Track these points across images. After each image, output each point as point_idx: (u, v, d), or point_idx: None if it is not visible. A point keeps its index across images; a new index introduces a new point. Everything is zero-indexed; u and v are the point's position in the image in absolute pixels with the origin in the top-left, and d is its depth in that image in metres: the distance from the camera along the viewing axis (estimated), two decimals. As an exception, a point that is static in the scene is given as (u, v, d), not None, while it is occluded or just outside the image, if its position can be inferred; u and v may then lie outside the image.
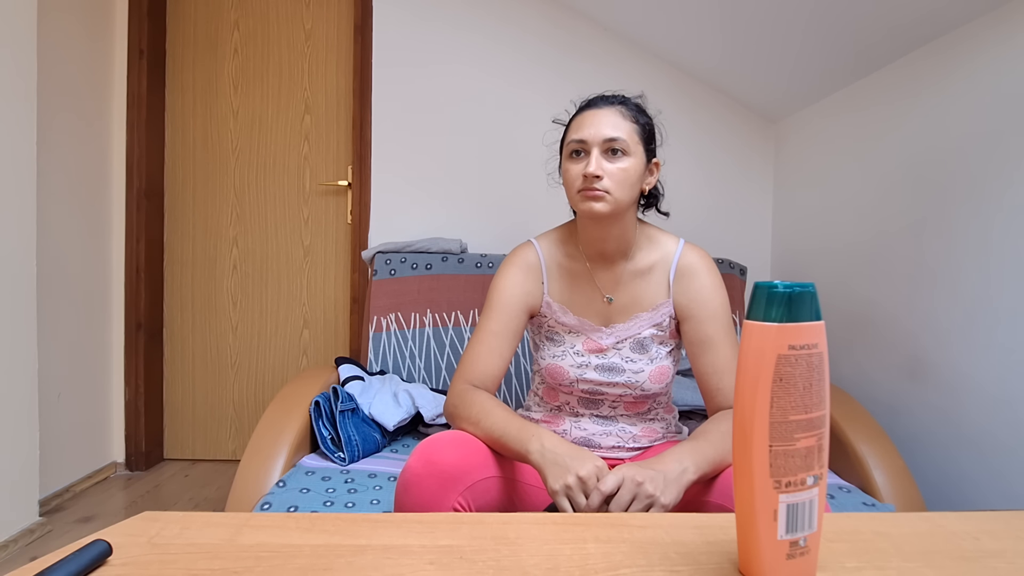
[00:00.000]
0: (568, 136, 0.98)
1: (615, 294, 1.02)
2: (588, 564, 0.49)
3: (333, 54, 2.23)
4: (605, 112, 0.94)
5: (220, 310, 2.28)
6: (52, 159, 1.84)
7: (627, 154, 0.93)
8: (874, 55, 1.51)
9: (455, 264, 1.78)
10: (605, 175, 0.92)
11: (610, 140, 0.92)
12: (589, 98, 1.01)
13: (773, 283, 0.45)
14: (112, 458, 2.16)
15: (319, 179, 2.25)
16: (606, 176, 0.92)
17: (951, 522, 0.58)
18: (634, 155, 0.94)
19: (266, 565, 0.48)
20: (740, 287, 1.84)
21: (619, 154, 0.93)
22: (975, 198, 1.24)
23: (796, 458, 0.44)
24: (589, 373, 0.99)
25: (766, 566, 0.45)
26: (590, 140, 0.93)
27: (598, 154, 0.92)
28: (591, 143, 0.93)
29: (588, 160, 0.93)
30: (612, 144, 0.92)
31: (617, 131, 0.93)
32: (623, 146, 0.92)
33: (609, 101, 0.97)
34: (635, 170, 0.94)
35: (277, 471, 1.18)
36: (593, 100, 0.99)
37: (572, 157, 0.96)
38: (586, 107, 0.98)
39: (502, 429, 0.85)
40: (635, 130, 0.95)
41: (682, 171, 2.03)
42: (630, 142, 0.93)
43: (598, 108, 0.96)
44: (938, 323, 1.34)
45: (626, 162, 0.93)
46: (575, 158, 0.96)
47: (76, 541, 0.49)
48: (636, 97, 1.02)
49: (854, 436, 1.24)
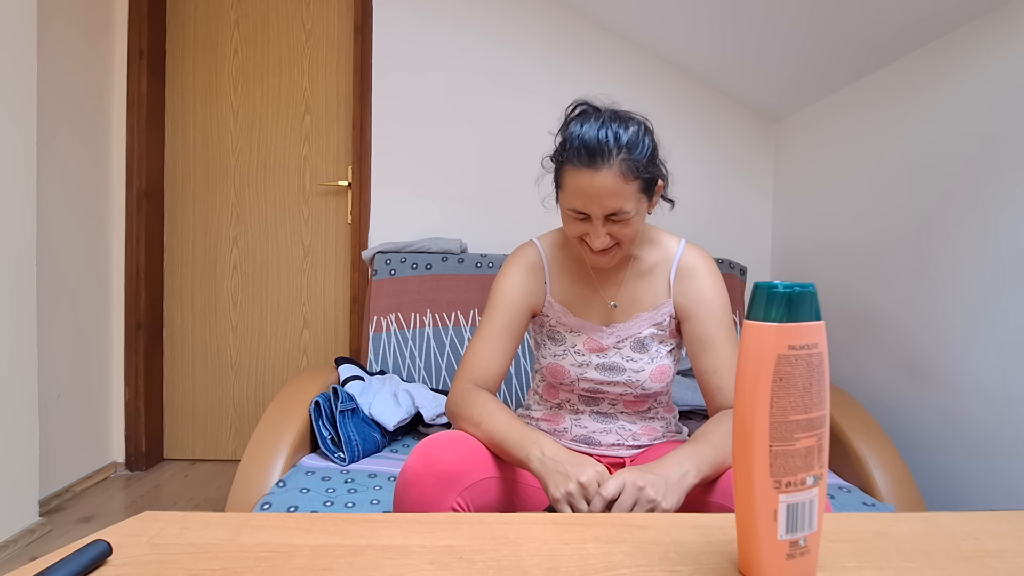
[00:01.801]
0: (565, 197, 0.90)
1: (617, 294, 1.02)
2: (588, 564, 0.49)
3: (333, 54, 2.24)
4: (604, 176, 0.84)
5: (220, 310, 2.28)
6: (52, 159, 1.84)
7: (631, 214, 0.88)
8: (875, 55, 1.51)
9: (455, 264, 1.78)
10: (611, 236, 0.90)
11: (613, 212, 0.87)
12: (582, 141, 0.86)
13: (773, 283, 0.45)
14: (112, 458, 2.16)
15: (319, 179, 2.25)
16: (612, 239, 0.90)
17: (951, 522, 0.58)
18: (638, 211, 0.89)
19: (266, 565, 0.48)
20: (740, 287, 1.84)
21: (623, 217, 0.88)
22: (975, 198, 1.24)
23: (796, 458, 0.44)
24: (590, 372, 1.00)
25: (766, 566, 0.45)
26: (592, 214, 0.88)
27: (601, 224, 0.88)
28: (593, 216, 0.88)
29: (591, 226, 0.89)
30: (615, 217, 0.88)
31: (618, 201, 0.86)
32: (627, 215, 0.88)
33: (606, 157, 0.84)
34: (640, 220, 0.91)
35: (277, 471, 1.18)
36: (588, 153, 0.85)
37: (573, 217, 0.91)
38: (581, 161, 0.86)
39: (503, 433, 0.85)
40: (637, 187, 0.87)
41: (682, 171, 2.01)
42: (633, 203, 0.87)
43: (596, 169, 0.84)
44: (938, 323, 1.34)
45: (631, 222, 0.89)
46: (576, 215, 0.90)
47: (76, 541, 0.49)
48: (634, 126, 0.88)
49: (854, 436, 1.24)
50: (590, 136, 0.86)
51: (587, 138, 0.86)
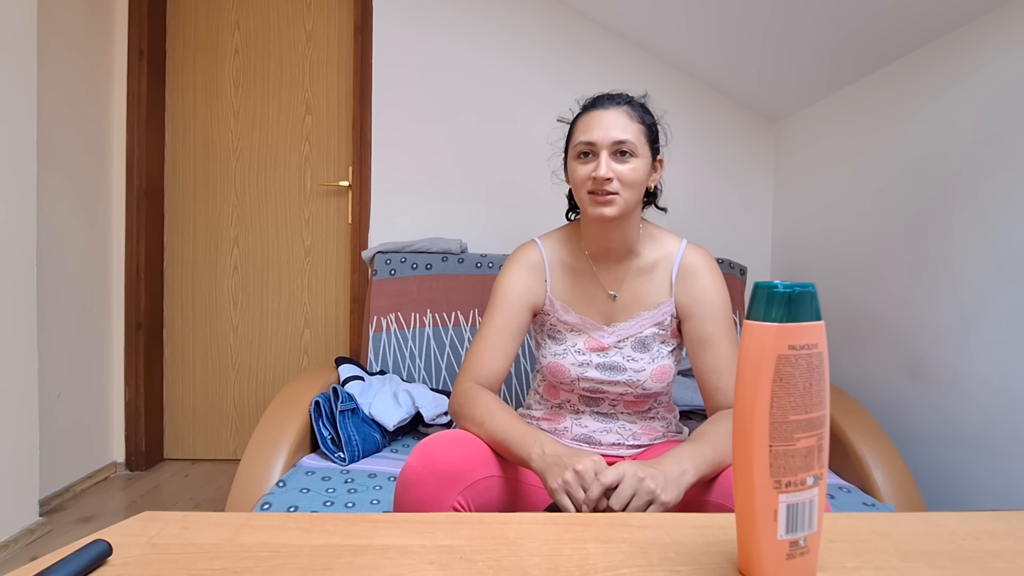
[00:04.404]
0: (575, 137, 0.98)
1: (618, 292, 1.02)
2: (588, 564, 0.49)
3: (334, 55, 2.24)
4: (612, 113, 0.94)
5: (221, 310, 2.28)
6: (52, 159, 1.84)
7: (635, 155, 0.93)
8: (875, 55, 1.51)
9: (455, 264, 1.78)
10: (615, 177, 0.92)
11: (619, 143, 0.92)
12: (594, 96, 1.00)
13: (773, 283, 0.45)
14: (112, 458, 2.16)
15: (320, 179, 2.25)
16: (616, 178, 0.92)
17: (951, 522, 0.58)
18: (641, 155, 0.94)
19: (266, 565, 0.48)
20: (740, 287, 1.83)
21: (627, 156, 0.93)
22: (975, 197, 1.24)
23: (796, 458, 0.44)
24: (590, 371, 1.00)
25: (766, 566, 0.45)
26: (599, 142, 0.93)
27: (607, 156, 0.92)
28: (600, 145, 0.93)
29: (597, 162, 0.93)
30: (621, 146, 0.92)
31: (626, 133, 0.93)
32: (631, 148, 0.93)
33: (615, 101, 0.96)
34: (643, 170, 0.95)
35: (277, 471, 1.18)
36: (599, 99, 0.98)
37: (580, 158, 0.96)
38: (592, 106, 0.97)
39: (505, 433, 0.85)
40: (642, 131, 0.95)
41: (683, 171, 2.03)
42: (638, 143, 0.93)
43: (605, 109, 0.95)
44: (938, 323, 1.34)
45: (635, 163, 0.93)
46: (583, 159, 0.95)
47: (76, 541, 0.49)
48: (641, 97, 1.01)
49: (854, 436, 1.23)
50: (600, 94, 1.00)
51: (597, 95, 1.00)
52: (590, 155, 0.95)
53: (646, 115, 0.98)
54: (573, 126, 1.00)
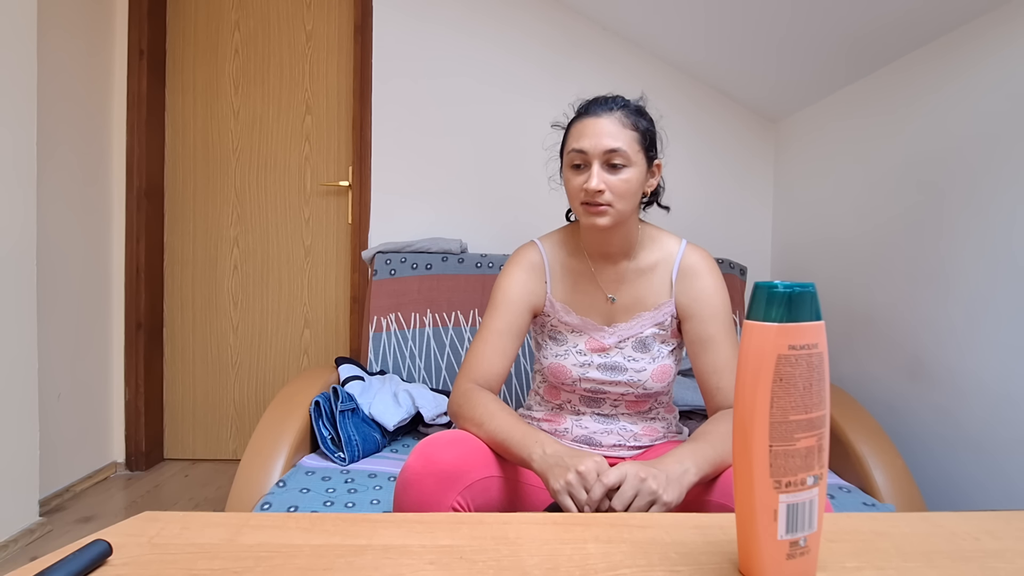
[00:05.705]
0: (568, 144, 0.97)
1: (618, 293, 1.02)
2: (588, 564, 0.49)
3: (334, 55, 2.24)
4: (604, 121, 0.92)
5: (221, 310, 2.28)
6: (52, 159, 1.84)
7: (628, 164, 0.92)
8: (874, 55, 1.51)
9: (455, 264, 1.78)
10: (607, 188, 0.91)
11: (611, 152, 0.91)
12: (588, 101, 0.98)
13: (773, 283, 0.45)
14: (112, 458, 2.16)
15: (320, 179, 2.25)
16: (608, 190, 0.91)
17: (951, 522, 0.58)
18: (635, 164, 0.93)
19: (266, 565, 0.48)
20: (740, 287, 1.83)
21: (620, 166, 0.91)
22: (975, 197, 1.24)
23: (796, 458, 0.44)
24: (591, 372, 1.00)
25: (766, 566, 0.45)
26: (590, 152, 0.91)
27: (599, 167, 0.91)
28: (591, 155, 0.91)
29: (589, 173, 0.92)
30: (613, 156, 0.91)
31: (617, 141, 0.91)
32: (624, 158, 0.91)
33: (608, 107, 0.94)
34: (637, 179, 0.93)
35: (277, 471, 1.18)
36: (592, 105, 0.96)
37: (573, 169, 0.95)
38: (585, 112, 0.96)
39: (506, 434, 0.85)
40: (635, 138, 0.93)
41: (682, 171, 2.03)
42: (630, 152, 0.92)
43: (597, 116, 0.93)
44: (938, 322, 1.34)
45: (627, 173, 0.92)
46: (576, 170, 0.95)
47: (76, 541, 0.49)
48: (637, 100, 0.99)
49: (854, 436, 1.23)
50: (594, 98, 0.98)
51: (591, 99, 0.98)
52: (582, 166, 0.94)
53: (641, 120, 0.95)
54: (567, 132, 0.99)
